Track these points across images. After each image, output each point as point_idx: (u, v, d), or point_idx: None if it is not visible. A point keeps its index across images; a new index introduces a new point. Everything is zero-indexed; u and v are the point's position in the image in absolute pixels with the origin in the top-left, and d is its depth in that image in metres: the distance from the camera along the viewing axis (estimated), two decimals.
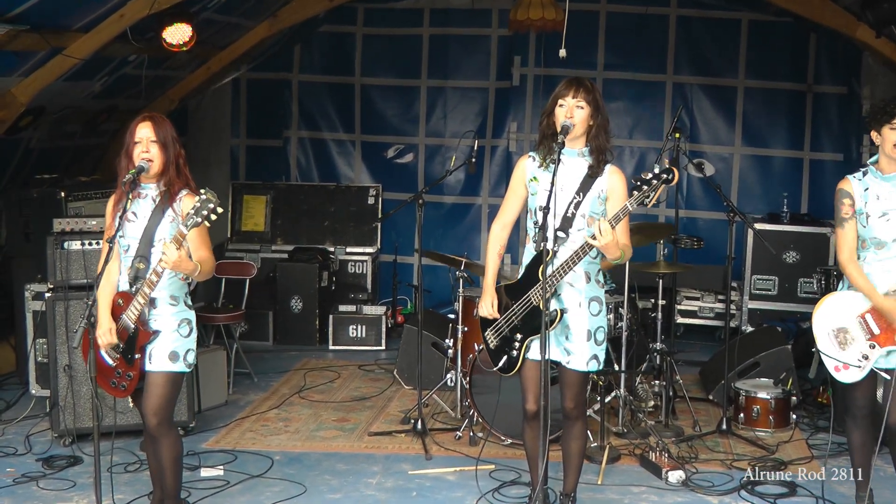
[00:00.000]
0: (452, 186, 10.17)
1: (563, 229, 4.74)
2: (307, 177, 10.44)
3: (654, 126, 9.88)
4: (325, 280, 9.42)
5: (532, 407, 4.90)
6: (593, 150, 4.79)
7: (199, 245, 4.70)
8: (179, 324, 4.75)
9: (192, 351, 4.79)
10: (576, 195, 4.75)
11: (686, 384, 7.29)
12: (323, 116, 10.39)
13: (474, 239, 10.19)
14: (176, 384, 4.77)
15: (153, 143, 4.69)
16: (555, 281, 4.72)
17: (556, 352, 4.85)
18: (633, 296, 7.18)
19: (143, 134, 4.71)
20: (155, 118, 4.77)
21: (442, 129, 10.25)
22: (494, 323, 4.95)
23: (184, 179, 4.72)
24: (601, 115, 4.78)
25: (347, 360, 8.76)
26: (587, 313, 4.83)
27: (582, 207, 4.76)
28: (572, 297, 4.81)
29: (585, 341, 4.81)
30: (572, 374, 4.85)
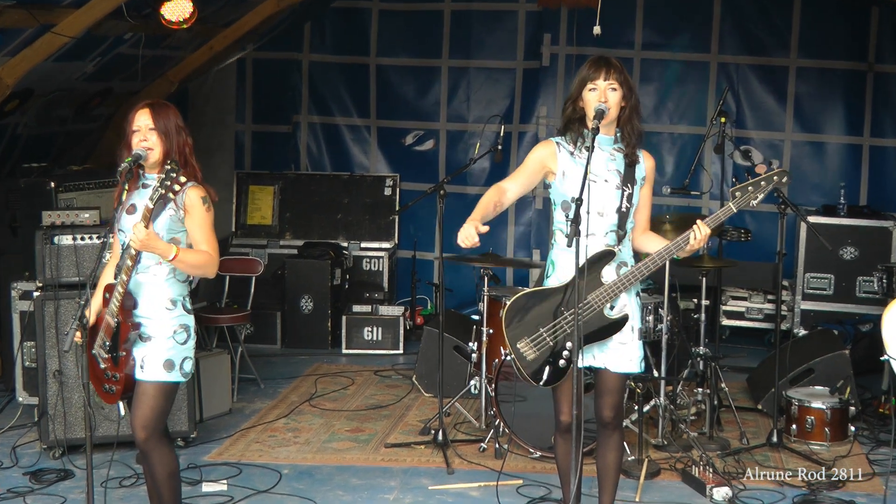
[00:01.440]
0: (476, 176, 10.15)
1: (621, 226, 4.73)
2: (318, 166, 10.44)
3: (697, 110, 9.82)
4: (337, 278, 9.41)
5: (567, 419, 4.85)
6: (626, 134, 4.78)
7: (200, 237, 4.66)
8: (176, 330, 4.69)
9: (190, 360, 4.74)
10: (624, 187, 4.74)
11: (732, 392, 7.25)
12: (335, 100, 10.38)
13: (500, 233, 10.16)
14: (169, 395, 4.71)
15: (152, 131, 4.67)
16: (626, 285, 4.69)
17: (602, 356, 4.81)
18: (674, 295, 7.14)
19: (142, 122, 4.69)
20: (155, 105, 4.75)
21: (465, 114, 10.22)
22: (531, 332, 4.82)
23: (190, 171, 4.69)
24: (634, 96, 4.77)
25: (362, 365, 8.76)
26: (638, 311, 4.83)
27: (633, 199, 4.76)
28: (623, 293, 4.79)
29: (638, 340, 4.81)
30: (617, 379, 4.82)
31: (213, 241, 4.70)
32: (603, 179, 4.72)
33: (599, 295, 4.69)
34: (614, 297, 4.68)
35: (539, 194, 10.00)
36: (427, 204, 7.75)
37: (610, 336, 4.73)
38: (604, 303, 4.69)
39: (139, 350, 4.66)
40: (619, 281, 4.67)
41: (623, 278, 4.67)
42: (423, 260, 10.07)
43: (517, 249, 10.19)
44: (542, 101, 10.03)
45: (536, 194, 10.02)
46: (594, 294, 4.69)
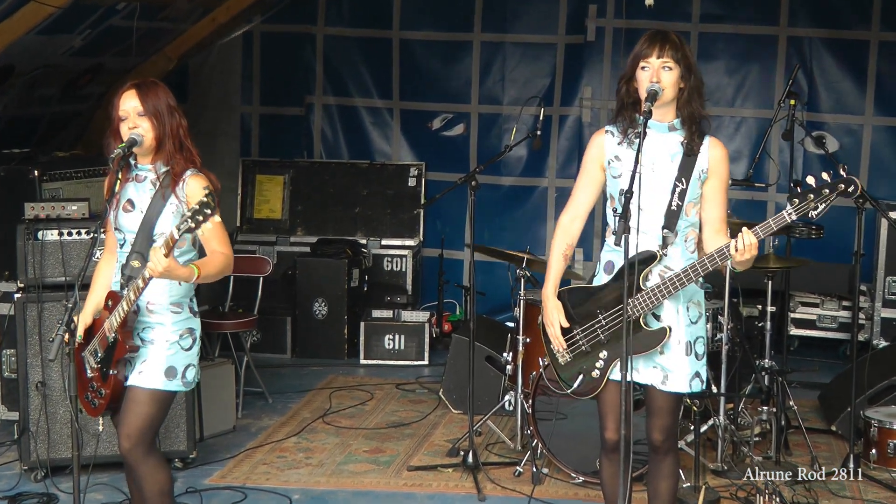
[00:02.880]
0: (512, 165, 10.14)
1: (668, 227, 4.70)
2: (334, 153, 10.45)
3: (762, 91, 9.77)
4: (355, 279, 9.41)
5: (612, 436, 4.85)
6: (685, 120, 4.73)
7: (209, 234, 4.64)
8: (182, 335, 4.74)
9: (194, 367, 4.79)
10: (677, 182, 4.70)
11: (802, 411, 7.21)
12: (353, 79, 10.39)
13: (538, 229, 10.14)
14: (164, 405, 4.75)
15: (141, 116, 4.69)
16: (665, 293, 4.67)
17: (647, 372, 4.78)
18: (736, 301, 7.10)
19: (129, 105, 4.70)
20: (142, 85, 4.75)
21: (499, 95, 10.21)
22: (566, 332, 4.87)
23: (187, 156, 4.71)
24: (694, 77, 4.72)
25: (382, 378, 8.77)
26: (685, 320, 4.78)
27: (688, 195, 4.71)
28: (669, 301, 4.75)
29: (685, 356, 4.75)
30: (666, 398, 4.80)
31: (224, 236, 4.70)
32: (652, 171, 4.70)
33: (637, 302, 4.68)
34: (652, 305, 4.65)
35: None
36: (456, 196, 7.73)
37: (648, 349, 4.70)
38: (641, 311, 4.67)
39: (144, 360, 4.70)
40: (655, 289, 4.65)
41: (659, 287, 4.64)
42: (451, 259, 10.06)
43: None
44: (587, 81, 10.00)
45: None
46: (633, 300, 4.66)
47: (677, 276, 4.62)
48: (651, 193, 4.69)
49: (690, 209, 4.72)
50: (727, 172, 4.76)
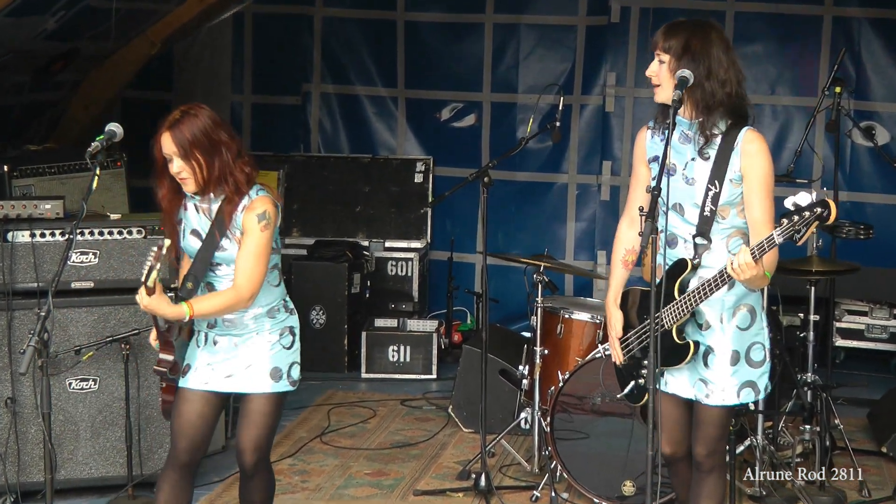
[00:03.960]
0: (528, 159, 10.12)
1: (702, 233, 4.76)
2: (333, 146, 10.46)
3: (805, 77, 9.75)
4: (356, 285, 9.41)
5: (665, 449, 4.99)
6: (700, 111, 4.72)
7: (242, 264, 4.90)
8: (281, 333, 5.08)
9: (297, 365, 5.12)
10: (710, 184, 4.73)
11: (849, 431, 7.20)
12: (355, 65, 10.40)
13: (558, 230, 10.14)
14: (279, 408, 5.10)
15: (181, 160, 4.84)
16: (689, 305, 4.75)
17: (683, 381, 4.90)
18: (775, 308, 7.08)
19: (169, 150, 4.84)
20: (176, 125, 4.84)
21: (514, 82, 10.21)
22: (625, 339, 5.05)
23: (233, 188, 4.89)
24: (703, 65, 4.67)
25: (386, 393, 8.77)
26: (733, 328, 4.83)
27: (722, 199, 4.75)
28: (710, 309, 4.83)
29: (729, 365, 4.81)
30: (709, 412, 4.87)
31: (256, 269, 4.92)
32: (682, 173, 4.76)
33: (668, 312, 4.78)
34: (679, 317, 4.74)
35: (605, 182, 9.97)
36: (467, 194, 7.73)
37: (675, 364, 4.82)
38: (671, 322, 4.76)
39: (237, 359, 5.01)
40: (683, 299, 4.74)
41: (685, 297, 4.73)
42: (461, 263, 10.07)
43: (578, 251, 10.17)
44: (611, 67, 9.99)
45: (602, 182, 9.99)
46: (666, 310, 4.79)
47: (697, 291, 4.71)
48: (679, 199, 4.77)
49: (727, 212, 4.75)
50: (766, 168, 4.73)
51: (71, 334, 6.43)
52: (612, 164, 10.00)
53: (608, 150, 10.02)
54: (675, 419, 4.96)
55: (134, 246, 6.51)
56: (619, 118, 9.97)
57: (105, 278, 6.51)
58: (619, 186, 9.90)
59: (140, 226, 6.54)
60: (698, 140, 4.75)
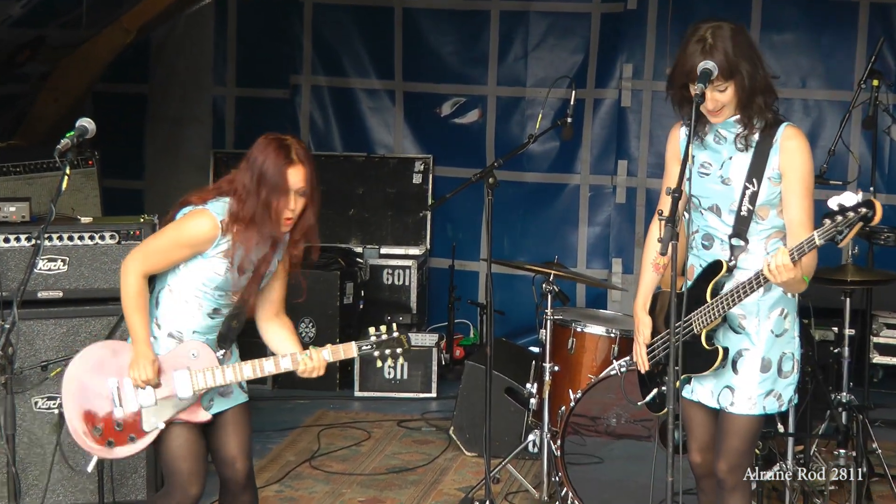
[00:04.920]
0: (537, 159, 10.16)
1: (738, 234, 4.83)
2: (325, 143, 10.47)
3: (839, 69, 9.75)
4: (349, 295, 9.42)
5: (695, 458, 5.09)
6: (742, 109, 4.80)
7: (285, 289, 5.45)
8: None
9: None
10: (748, 183, 4.80)
11: (888, 456, 7.18)
12: (348, 55, 10.41)
13: (569, 235, 10.15)
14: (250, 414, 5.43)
15: (303, 197, 5.12)
16: (721, 309, 4.81)
17: (708, 389, 4.97)
18: (806, 321, 7.07)
19: (300, 184, 5.09)
20: (309, 158, 5.17)
21: (522, 74, 10.22)
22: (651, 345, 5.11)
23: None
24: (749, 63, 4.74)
25: (381, 413, 8.77)
26: (767, 333, 4.89)
27: (760, 198, 4.81)
28: (745, 312, 4.90)
29: (759, 372, 4.87)
30: (734, 421, 4.92)
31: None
32: (718, 174, 4.84)
33: (699, 316, 4.86)
34: (711, 321, 4.80)
35: (621, 184, 9.96)
36: (470, 196, 7.72)
37: (702, 371, 4.88)
38: (701, 326, 4.83)
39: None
40: (715, 302, 4.80)
41: (717, 301, 4.79)
42: (464, 272, 10.08)
43: (591, 258, 10.17)
44: (627, 58, 10.00)
45: (617, 184, 9.98)
46: (696, 314, 4.86)
47: (730, 294, 4.77)
48: (714, 199, 4.85)
49: (767, 212, 4.82)
50: (806, 166, 4.82)
51: (37, 348, 6.41)
52: (628, 163, 9.99)
53: (624, 148, 10.01)
54: (706, 424, 5.02)
55: (107, 252, 6.49)
56: (636, 114, 9.96)
57: (75, 287, 6.49)
58: (636, 188, 9.91)
59: (113, 230, 6.52)
60: (736, 139, 4.83)
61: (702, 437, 5.05)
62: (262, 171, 5.01)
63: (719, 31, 4.70)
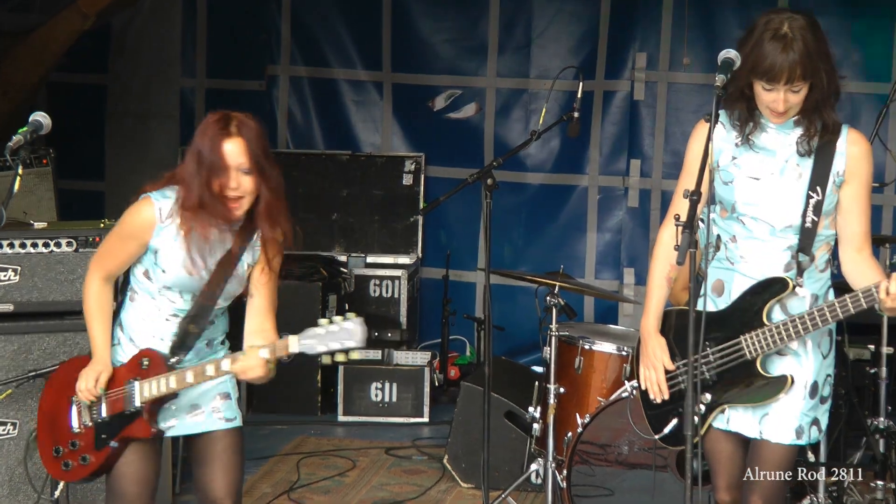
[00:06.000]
0: (541, 158, 10.18)
1: (804, 249, 4.82)
2: (305, 140, 10.48)
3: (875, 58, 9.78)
4: (332, 308, 9.42)
5: (724, 497, 5.03)
6: (808, 110, 4.80)
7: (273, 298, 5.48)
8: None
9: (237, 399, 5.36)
10: (811, 192, 4.81)
11: None
12: (331, 43, 10.44)
13: (576, 242, 10.17)
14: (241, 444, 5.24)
15: (247, 174, 5.15)
16: (791, 333, 4.79)
17: (748, 418, 4.93)
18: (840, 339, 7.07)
19: (234, 159, 5.09)
20: (246, 129, 5.17)
21: (524, 64, 10.25)
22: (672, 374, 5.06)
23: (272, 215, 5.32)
24: (827, 64, 4.75)
25: (368, 440, 8.78)
26: (817, 354, 4.90)
27: (825, 207, 4.82)
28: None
29: (808, 398, 4.88)
30: (774, 451, 4.91)
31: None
32: (774, 178, 4.83)
33: (755, 340, 4.82)
34: (772, 346, 4.79)
35: (633, 185, 9.97)
36: (467, 199, 7.72)
37: (760, 401, 4.84)
38: (758, 352, 4.81)
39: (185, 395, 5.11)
40: (780, 326, 4.78)
41: (786, 324, 4.77)
42: (459, 283, 10.09)
43: (600, 268, 10.18)
44: (641, 46, 10.02)
45: (629, 185, 9.99)
46: (749, 337, 4.84)
47: (810, 315, 4.75)
48: (771, 208, 4.83)
49: (823, 221, 4.83)
50: (869, 174, 4.86)
51: None
52: (641, 163, 10.00)
53: (637, 146, 10.03)
54: (736, 459, 4.98)
55: (62, 261, 6.48)
56: (650, 108, 9.98)
57: (27, 300, 6.47)
58: (650, 190, 9.92)
59: (70, 236, 6.51)
60: (797, 143, 4.83)
61: (732, 472, 5.01)
62: (200, 149, 4.97)
63: (796, 23, 4.68)
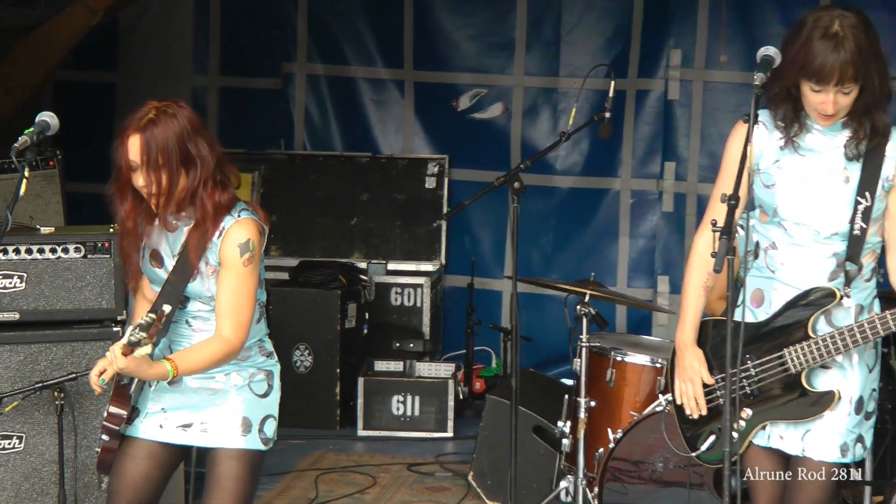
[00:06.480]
0: (571, 160, 10.18)
1: (852, 258, 4.82)
2: (322, 142, 10.50)
3: None
4: (351, 318, 9.42)
5: None
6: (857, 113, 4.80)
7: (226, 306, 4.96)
8: (252, 377, 5.11)
9: (273, 420, 5.15)
10: (860, 198, 4.81)
11: None
12: (350, 38, 10.44)
13: (608, 249, 10.19)
14: (255, 472, 5.11)
15: (141, 167, 4.88)
16: (840, 347, 4.79)
17: (790, 435, 4.93)
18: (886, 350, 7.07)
19: (134, 156, 4.89)
20: (148, 125, 4.90)
21: (553, 62, 10.26)
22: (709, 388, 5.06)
23: (212, 206, 4.91)
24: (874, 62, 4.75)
25: (389, 455, 8.79)
26: (863, 368, 4.90)
27: (874, 214, 4.83)
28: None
29: (855, 414, 4.87)
30: (814, 468, 4.89)
31: (244, 313, 5.00)
32: (819, 182, 4.83)
33: (800, 353, 4.83)
34: (817, 360, 4.79)
35: (668, 189, 9.96)
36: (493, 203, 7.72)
37: (804, 418, 4.84)
38: (803, 366, 4.82)
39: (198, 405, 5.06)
40: (827, 339, 4.78)
41: (833, 337, 4.77)
42: (485, 291, 10.10)
43: (633, 276, 10.17)
44: (676, 43, 10.02)
45: (663, 189, 9.98)
46: (794, 349, 4.85)
47: (859, 327, 4.75)
48: (823, 212, 4.83)
49: (871, 228, 4.84)
50: None
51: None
52: (676, 165, 9.99)
53: (671, 148, 10.02)
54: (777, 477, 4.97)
55: (70, 267, 6.48)
56: (685, 108, 9.97)
57: (34, 308, 6.47)
58: (685, 194, 9.91)
59: (78, 242, 6.51)
60: (845, 146, 4.84)
61: (772, 491, 5.00)
62: None
63: (847, 21, 4.66)
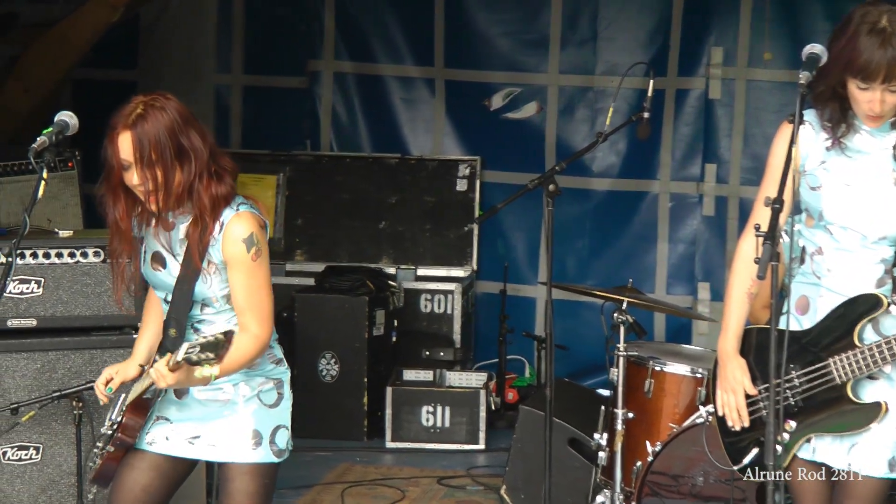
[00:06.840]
0: (608, 162, 10.18)
1: None
2: (350, 142, 10.51)
3: None
4: (379, 325, 9.43)
5: None
6: None
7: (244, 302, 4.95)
8: (261, 387, 5.10)
9: (286, 430, 5.18)
10: None
11: None
12: (378, 36, 10.47)
13: (646, 254, 10.18)
14: (269, 486, 5.14)
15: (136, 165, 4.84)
16: (887, 356, 4.78)
17: (835, 448, 4.90)
18: None
19: (126, 154, 4.83)
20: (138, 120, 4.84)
21: (590, 60, 10.26)
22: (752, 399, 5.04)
23: (210, 200, 4.89)
24: None
25: (418, 468, 8.79)
26: None
27: None
28: None
29: (895, 427, 4.85)
30: (861, 483, 4.88)
31: (265, 305, 5.00)
32: (868, 185, 4.83)
33: (846, 363, 4.82)
34: (864, 370, 4.78)
35: (708, 192, 9.94)
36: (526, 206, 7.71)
37: (849, 430, 4.82)
38: (850, 375, 4.81)
39: (205, 417, 5.05)
40: (874, 348, 4.77)
41: (880, 346, 4.76)
42: (518, 297, 10.11)
43: (673, 282, 10.16)
44: (717, 40, 10.01)
45: (704, 192, 9.97)
46: (839, 359, 4.84)
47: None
48: (871, 216, 4.83)
49: None
50: None
51: (6, 387, 6.42)
52: (717, 167, 9.97)
53: (713, 149, 10.00)
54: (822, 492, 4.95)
55: (89, 272, 6.50)
56: (726, 107, 9.94)
57: (52, 314, 6.50)
58: (727, 197, 9.88)
59: (97, 246, 6.52)
60: (894, 147, 4.84)
61: None
62: None
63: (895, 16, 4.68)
